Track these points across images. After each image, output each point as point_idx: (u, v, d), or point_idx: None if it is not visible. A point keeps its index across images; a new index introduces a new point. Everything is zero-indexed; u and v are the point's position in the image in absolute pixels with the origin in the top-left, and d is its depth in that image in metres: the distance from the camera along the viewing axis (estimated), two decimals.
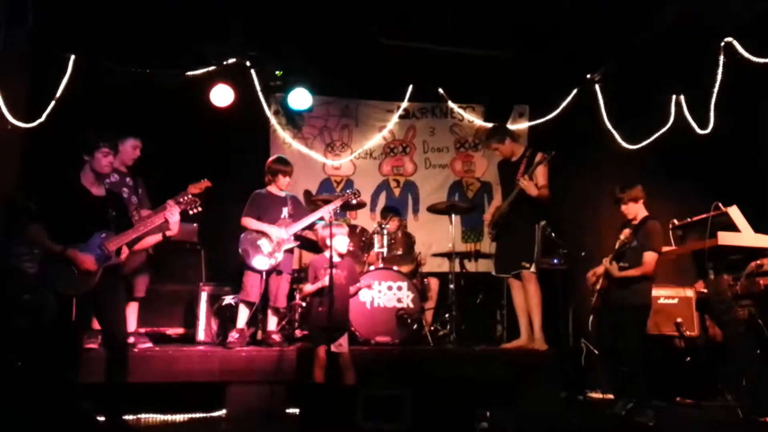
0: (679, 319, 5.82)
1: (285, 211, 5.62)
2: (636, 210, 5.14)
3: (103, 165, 4.33)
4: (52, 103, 6.19)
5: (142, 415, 4.89)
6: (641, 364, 4.94)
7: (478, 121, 7.91)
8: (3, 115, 5.81)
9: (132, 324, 5.29)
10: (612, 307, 5.10)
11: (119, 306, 4.52)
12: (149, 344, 5.27)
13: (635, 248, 4.98)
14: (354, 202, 5.90)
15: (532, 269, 5.49)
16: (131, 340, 5.14)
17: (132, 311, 5.31)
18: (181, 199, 4.72)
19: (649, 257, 4.95)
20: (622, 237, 5.04)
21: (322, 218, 5.53)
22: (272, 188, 5.72)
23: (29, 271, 5.25)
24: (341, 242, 5.07)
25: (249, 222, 5.50)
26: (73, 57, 6.35)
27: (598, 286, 5.14)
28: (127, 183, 5.37)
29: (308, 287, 5.05)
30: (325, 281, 4.78)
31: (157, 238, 4.59)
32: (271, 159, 5.85)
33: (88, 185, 4.33)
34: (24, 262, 5.30)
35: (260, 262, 5.40)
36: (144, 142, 5.50)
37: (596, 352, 5.77)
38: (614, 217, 5.51)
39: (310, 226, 5.67)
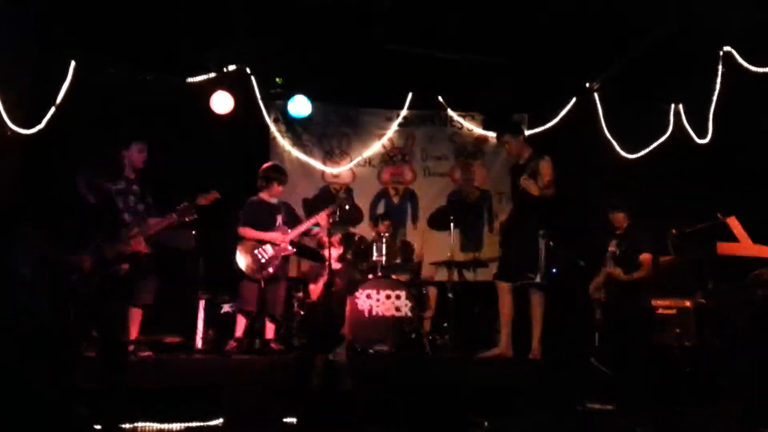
0: (677, 330, 5.80)
1: (279, 219, 5.62)
2: (625, 220, 5.24)
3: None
4: (52, 109, 6.20)
5: (139, 424, 4.86)
6: (645, 372, 4.94)
7: (478, 130, 7.92)
8: (3, 121, 5.81)
9: (134, 332, 5.27)
10: (614, 318, 5.11)
11: (116, 313, 4.52)
12: (149, 353, 5.24)
13: (627, 255, 5.03)
14: (347, 207, 5.86)
15: (537, 279, 5.47)
16: (131, 348, 5.11)
17: (135, 319, 5.26)
18: (177, 207, 4.75)
19: (645, 258, 5.03)
20: (611, 248, 5.12)
21: (318, 224, 5.53)
22: (264, 195, 5.71)
23: (26, 275, 5.23)
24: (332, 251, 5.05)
25: (247, 231, 5.49)
26: (73, 63, 6.37)
27: (597, 302, 5.16)
28: (134, 190, 5.30)
29: (313, 287, 5.02)
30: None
31: None
32: (265, 166, 5.85)
33: (86, 191, 4.34)
34: (20, 264, 5.28)
35: (257, 269, 5.40)
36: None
37: (596, 363, 5.75)
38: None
39: (307, 233, 5.67)
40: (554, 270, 5.27)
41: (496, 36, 6.64)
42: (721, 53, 6.67)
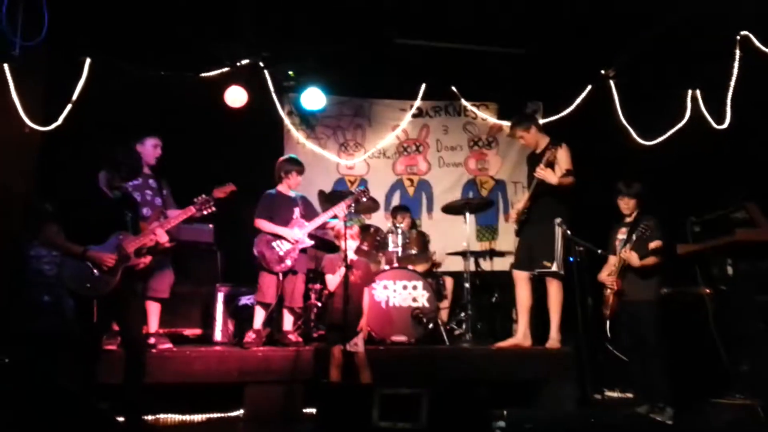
0: (696, 317, 5.76)
1: (297, 212, 5.64)
2: (634, 206, 5.19)
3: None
4: (69, 106, 6.25)
5: (161, 416, 4.93)
6: (660, 361, 4.92)
7: (492, 119, 7.90)
8: (20, 118, 5.87)
9: (153, 325, 5.33)
10: (626, 307, 5.08)
11: (137, 307, 4.57)
12: (169, 345, 5.30)
13: (639, 242, 4.98)
14: (364, 199, 5.87)
15: (554, 268, 5.45)
16: (152, 340, 5.17)
17: (154, 312, 5.33)
18: (196, 200, 4.81)
19: (657, 245, 4.98)
20: (619, 236, 5.08)
21: (335, 216, 5.54)
22: (282, 188, 5.73)
23: (48, 273, 5.29)
24: (349, 243, 5.04)
25: (263, 224, 5.51)
26: (88, 60, 6.41)
27: (609, 290, 5.12)
28: (150, 185, 5.39)
29: (330, 278, 5.02)
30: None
31: None
32: (282, 158, 5.88)
33: (105, 188, 4.37)
34: (43, 263, 5.34)
35: (275, 262, 5.42)
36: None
37: (616, 352, 5.73)
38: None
39: (323, 226, 5.69)
40: (571, 259, 5.24)
41: (510, 24, 6.59)
42: (738, 37, 6.57)
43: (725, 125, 6.95)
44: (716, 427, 4.76)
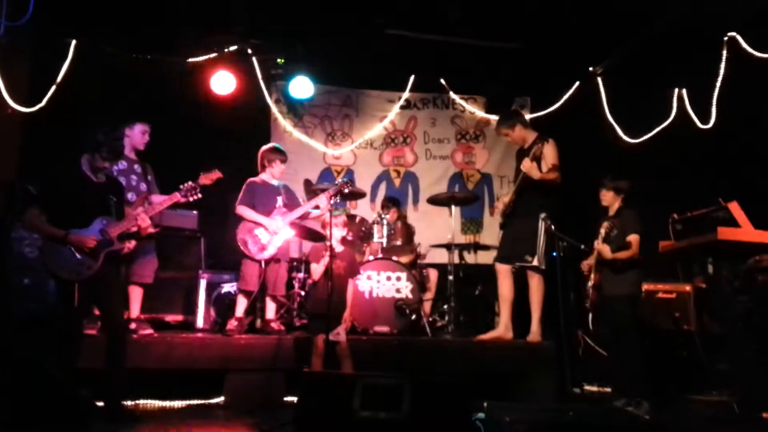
0: (676, 314, 5.83)
1: (280, 200, 5.60)
2: (614, 200, 5.26)
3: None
4: (53, 87, 6.18)
5: (141, 401, 4.91)
6: (637, 356, 4.97)
7: (480, 113, 7.91)
8: (3, 99, 5.80)
9: (135, 310, 5.29)
10: (605, 300, 5.13)
11: (119, 292, 4.54)
12: (150, 330, 5.26)
13: (617, 235, 5.04)
14: (347, 191, 5.85)
15: (535, 262, 5.48)
16: (132, 326, 5.14)
17: (136, 297, 5.30)
18: (181, 186, 4.77)
19: (633, 238, 5.03)
20: (602, 231, 5.12)
21: (317, 206, 5.52)
22: (266, 176, 5.69)
23: (29, 256, 5.24)
24: (336, 232, 5.04)
25: (244, 211, 5.47)
26: (74, 42, 6.33)
27: (590, 282, 5.17)
28: (135, 170, 5.34)
29: (314, 266, 5.02)
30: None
31: None
32: (265, 147, 5.83)
33: (89, 171, 4.33)
34: (24, 246, 5.29)
35: (258, 250, 5.40)
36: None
37: (594, 345, 5.79)
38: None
39: (305, 216, 5.67)
40: (554, 254, 5.27)
41: (500, 19, 6.60)
42: (726, 38, 6.63)
43: (710, 125, 7.02)
44: (692, 423, 4.82)
